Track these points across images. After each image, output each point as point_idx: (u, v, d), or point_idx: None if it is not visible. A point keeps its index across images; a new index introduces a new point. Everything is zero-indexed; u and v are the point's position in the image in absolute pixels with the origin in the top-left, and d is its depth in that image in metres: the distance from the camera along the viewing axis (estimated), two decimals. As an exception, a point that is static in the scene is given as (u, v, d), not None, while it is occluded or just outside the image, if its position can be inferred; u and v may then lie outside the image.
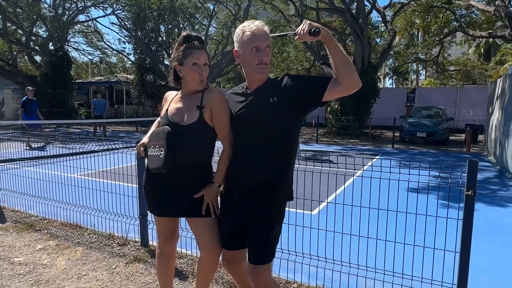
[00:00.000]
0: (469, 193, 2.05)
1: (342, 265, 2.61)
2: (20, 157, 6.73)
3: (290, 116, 1.75)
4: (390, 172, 2.45)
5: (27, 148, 9.53)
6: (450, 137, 14.04)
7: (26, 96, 10.19)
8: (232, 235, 1.90)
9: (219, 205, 1.98)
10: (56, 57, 20.02)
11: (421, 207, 2.46)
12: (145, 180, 2.05)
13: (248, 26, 1.76)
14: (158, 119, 2.23)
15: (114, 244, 3.46)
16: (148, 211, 2.20)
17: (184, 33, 1.95)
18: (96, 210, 3.83)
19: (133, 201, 3.59)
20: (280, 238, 1.88)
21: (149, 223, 3.37)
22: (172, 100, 2.03)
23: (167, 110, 1.99)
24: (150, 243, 3.42)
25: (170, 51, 16.75)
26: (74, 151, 6.95)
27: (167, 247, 2.15)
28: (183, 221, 2.43)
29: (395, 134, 13.23)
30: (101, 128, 14.80)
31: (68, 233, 3.74)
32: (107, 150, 4.15)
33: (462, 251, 2.10)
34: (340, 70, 1.66)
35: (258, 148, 1.78)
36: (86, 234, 3.69)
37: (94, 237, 3.62)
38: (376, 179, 2.49)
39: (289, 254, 2.79)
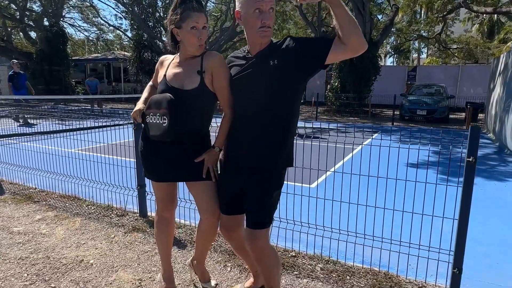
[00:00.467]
0: (470, 159, 2.03)
1: (340, 233, 2.62)
2: (16, 132, 6.69)
3: (291, 80, 1.68)
4: (390, 146, 2.43)
5: (23, 124, 9.44)
6: (450, 116, 13.98)
7: (12, 70, 10.04)
8: (231, 200, 1.89)
9: (219, 170, 1.96)
10: (51, 32, 19.62)
11: (420, 178, 2.45)
12: (142, 146, 2.01)
13: None
14: (150, 83, 2.16)
15: (112, 215, 3.46)
16: (145, 178, 2.16)
17: None
18: (94, 181, 3.82)
19: (131, 173, 3.57)
20: (278, 207, 1.87)
21: (147, 194, 3.37)
22: (169, 65, 1.96)
23: (165, 75, 1.92)
24: (149, 214, 3.43)
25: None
26: (72, 127, 6.90)
27: (166, 213, 2.14)
28: (181, 191, 2.42)
29: (395, 112, 13.15)
30: (97, 105, 14.74)
31: (67, 204, 3.74)
32: (104, 127, 4.11)
33: (461, 216, 2.09)
34: (343, 28, 1.56)
35: (258, 114, 1.73)
36: (84, 205, 3.69)
37: (92, 208, 3.62)
38: (376, 149, 2.47)
39: (287, 223, 2.80)
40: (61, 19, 22.28)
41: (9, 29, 22.08)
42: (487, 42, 26.42)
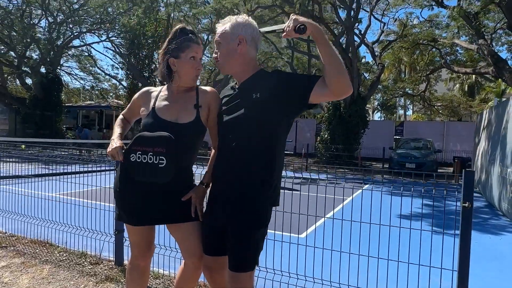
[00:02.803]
0: (466, 205, 1.93)
1: (331, 285, 2.41)
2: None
3: (273, 115, 1.62)
4: (381, 193, 2.34)
5: None
6: (438, 170, 14.10)
7: None
8: (214, 238, 1.73)
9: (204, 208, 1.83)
10: (47, 79, 19.95)
11: (414, 232, 2.32)
12: (119, 186, 1.83)
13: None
14: (121, 116, 2.03)
15: (85, 263, 3.19)
16: (121, 221, 1.97)
17: (179, 26, 1.85)
18: (69, 226, 3.57)
19: (109, 217, 3.36)
20: (264, 255, 1.72)
21: (125, 239, 3.13)
22: (157, 97, 1.86)
23: (153, 108, 1.81)
24: (125, 262, 3.16)
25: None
26: (53, 172, 6.67)
27: (142, 261, 1.94)
28: (157, 236, 2.24)
29: (384, 165, 13.24)
30: (87, 151, 14.62)
31: (37, 250, 3.45)
32: (85, 172, 3.99)
33: (460, 267, 1.94)
34: (327, 70, 1.50)
35: (240, 147, 1.65)
36: (56, 252, 3.41)
37: (64, 255, 3.34)
38: (368, 199, 2.37)
39: (274, 273, 2.58)
40: (59, 67, 22.81)
41: (5, 75, 22.42)
42: (469, 100, 27.67)
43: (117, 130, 1.94)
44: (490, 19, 15.04)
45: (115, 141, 1.81)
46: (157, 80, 20.32)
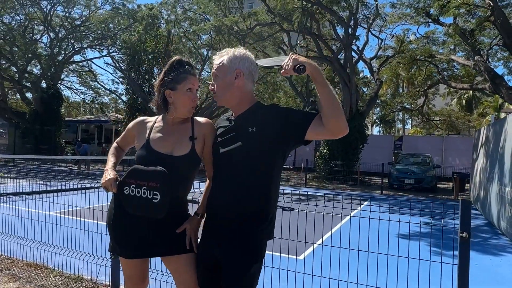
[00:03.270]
0: (464, 235, 1.93)
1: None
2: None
3: (267, 148, 1.62)
4: (379, 219, 2.33)
5: None
6: (438, 185, 14.08)
7: None
8: (208, 272, 1.71)
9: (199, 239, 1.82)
10: (47, 94, 20.07)
11: (413, 252, 2.31)
12: (112, 219, 1.81)
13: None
14: (115, 145, 2.03)
15: (81, 287, 3.14)
16: (114, 253, 1.93)
17: (176, 58, 1.86)
18: (66, 249, 3.54)
19: (106, 239, 3.33)
20: (262, 283, 1.69)
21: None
22: (152, 128, 1.87)
23: (148, 139, 1.82)
24: (121, 287, 3.12)
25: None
26: (51, 189, 6.65)
27: (136, 294, 1.92)
28: (152, 261, 2.22)
29: (384, 180, 13.22)
30: (85, 167, 14.61)
31: (32, 274, 3.41)
32: (83, 189, 3.97)
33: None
34: (324, 110, 1.52)
35: (235, 179, 1.65)
36: (52, 276, 3.37)
37: (60, 279, 3.30)
38: (366, 220, 2.36)
39: (272, 301, 2.55)
40: (59, 82, 22.99)
41: (6, 90, 22.56)
42: (467, 115, 27.80)
43: (111, 159, 1.93)
44: (486, 35, 15.26)
45: (108, 172, 1.80)
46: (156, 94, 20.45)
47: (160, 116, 1.91)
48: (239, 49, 1.76)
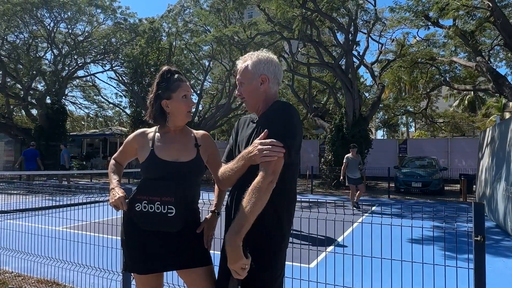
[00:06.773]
0: (478, 238, 1.91)
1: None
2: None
3: None
4: (392, 225, 2.31)
5: None
6: (445, 187, 13.96)
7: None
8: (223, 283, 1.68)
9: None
10: (52, 110, 20.25)
11: (427, 257, 2.28)
12: (125, 235, 1.80)
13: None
14: (113, 161, 2.03)
15: (93, 303, 3.13)
16: (127, 271, 1.93)
17: (165, 68, 1.88)
18: (76, 264, 3.54)
19: (117, 253, 3.32)
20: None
21: (133, 278, 3.09)
22: (154, 138, 1.86)
23: (152, 149, 1.81)
24: (133, 301, 3.11)
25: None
26: (59, 204, 6.66)
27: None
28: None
29: (390, 184, 13.13)
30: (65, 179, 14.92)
31: (43, 291, 3.41)
32: (92, 203, 3.98)
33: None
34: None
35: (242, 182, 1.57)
36: (63, 292, 3.37)
37: (71, 295, 3.29)
38: (378, 228, 2.34)
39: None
40: (64, 97, 23.21)
41: (11, 107, 22.80)
42: (471, 116, 27.64)
43: (114, 177, 1.92)
44: (487, 36, 15.27)
45: (116, 191, 1.79)
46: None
47: (159, 126, 1.91)
48: (263, 53, 1.70)
